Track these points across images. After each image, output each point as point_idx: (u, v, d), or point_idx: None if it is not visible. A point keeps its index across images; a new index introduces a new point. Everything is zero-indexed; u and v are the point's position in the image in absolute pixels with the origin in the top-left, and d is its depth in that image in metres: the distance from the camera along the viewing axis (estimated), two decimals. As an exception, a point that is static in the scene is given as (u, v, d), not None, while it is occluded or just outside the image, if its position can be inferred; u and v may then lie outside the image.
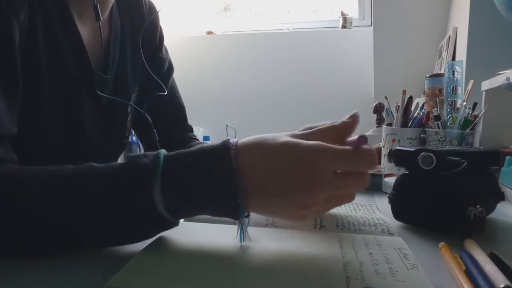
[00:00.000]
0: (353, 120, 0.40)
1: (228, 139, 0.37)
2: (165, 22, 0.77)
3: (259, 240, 0.41)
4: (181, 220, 0.47)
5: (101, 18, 0.56)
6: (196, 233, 0.43)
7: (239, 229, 0.38)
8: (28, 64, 0.49)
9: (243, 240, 0.39)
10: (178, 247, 0.38)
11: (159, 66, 0.75)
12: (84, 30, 0.58)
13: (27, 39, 0.48)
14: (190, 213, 0.38)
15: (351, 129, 0.40)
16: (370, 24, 2.35)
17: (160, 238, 0.40)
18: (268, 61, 2.60)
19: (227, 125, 0.38)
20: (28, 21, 0.48)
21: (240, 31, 2.71)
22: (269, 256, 0.37)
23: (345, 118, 0.40)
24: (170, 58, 0.79)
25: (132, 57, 0.68)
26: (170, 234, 0.41)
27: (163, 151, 0.37)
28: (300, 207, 0.36)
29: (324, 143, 0.36)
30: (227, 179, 0.35)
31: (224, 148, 0.36)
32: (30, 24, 0.49)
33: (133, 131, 0.82)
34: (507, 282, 0.29)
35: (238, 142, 0.37)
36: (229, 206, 0.36)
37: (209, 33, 2.74)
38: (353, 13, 2.51)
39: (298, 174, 0.35)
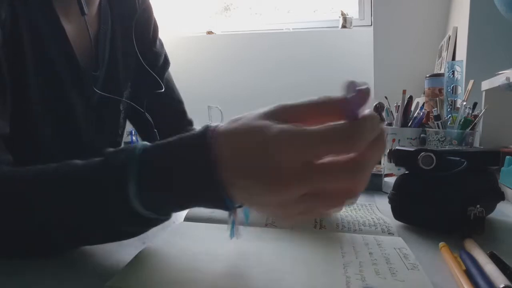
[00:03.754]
0: (360, 95, 0.30)
1: (208, 126, 0.32)
2: (165, 22, 0.77)
3: (259, 240, 0.41)
4: (181, 220, 0.47)
5: (86, 13, 0.54)
6: (196, 233, 0.43)
7: (230, 223, 0.35)
8: (13, 64, 0.47)
9: (234, 236, 0.35)
10: (178, 247, 0.38)
11: (154, 60, 0.72)
12: (70, 26, 0.56)
13: (11, 39, 0.47)
14: (174, 209, 0.35)
15: (355, 108, 0.30)
16: (370, 24, 2.35)
17: (160, 238, 0.40)
18: (268, 61, 2.60)
19: (209, 106, 0.32)
20: (10, 20, 0.46)
21: (240, 31, 2.71)
22: (269, 256, 0.37)
23: (347, 91, 0.30)
24: (165, 52, 0.76)
25: (124, 52, 0.65)
26: (170, 234, 0.41)
27: (140, 146, 0.34)
28: (275, 207, 0.31)
29: (293, 127, 0.29)
30: (208, 173, 0.30)
31: (203, 137, 0.31)
32: (13, 23, 0.47)
33: (133, 131, 0.82)
34: (507, 282, 0.29)
35: (217, 128, 0.31)
36: (214, 200, 0.33)
37: (209, 33, 2.74)
38: (353, 13, 2.51)
39: (262, 167, 0.29)
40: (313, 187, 0.29)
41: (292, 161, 0.28)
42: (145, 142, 0.34)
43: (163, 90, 0.69)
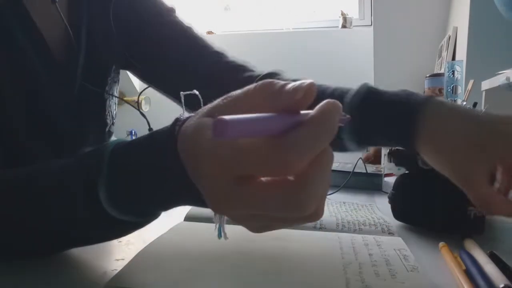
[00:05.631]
0: (304, 93, 0.23)
1: (176, 121, 0.29)
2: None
3: (258, 240, 0.41)
4: (181, 220, 0.47)
5: (56, 0, 0.52)
6: (196, 233, 0.43)
7: (216, 224, 0.34)
8: None
9: (221, 236, 0.34)
10: (178, 247, 0.38)
11: (144, 9, 0.65)
12: (40, 14, 0.52)
13: None
14: (151, 211, 0.34)
15: (293, 107, 0.23)
16: (370, 24, 2.35)
17: (160, 238, 0.40)
18: (268, 61, 2.58)
19: (181, 93, 0.31)
20: None
21: (240, 31, 2.71)
22: (269, 257, 0.37)
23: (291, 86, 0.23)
24: (163, 3, 0.68)
25: (105, 34, 0.60)
26: (170, 234, 0.41)
27: (111, 147, 0.32)
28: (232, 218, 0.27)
29: None
30: (175, 175, 0.28)
31: (169, 136, 0.29)
32: None
33: (133, 131, 0.79)
34: (507, 282, 0.29)
35: (182, 125, 0.28)
36: (191, 200, 0.31)
37: (209, 33, 2.74)
38: (353, 13, 2.52)
39: (197, 177, 0.26)
40: (249, 210, 0.24)
41: (220, 175, 0.23)
42: (118, 141, 0.32)
43: (148, 87, 0.64)
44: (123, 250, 0.38)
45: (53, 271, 0.33)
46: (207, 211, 0.48)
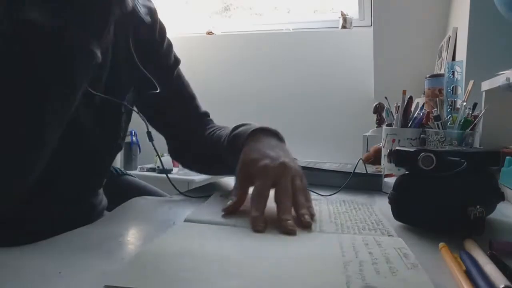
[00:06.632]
0: None
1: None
2: (165, 22, 0.76)
3: (258, 239, 0.41)
4: (182, 220, 0.47)
5: None
6: (196, 234, 0.43)
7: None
8: None
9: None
10: (178, 247, 0.38)
11: (161, 61, 0.74)
12: None
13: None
14: None
15: None
16: (370, 24, 2.35)
17: (160, 238, 0.40)
18: (268, 61, 2.60)
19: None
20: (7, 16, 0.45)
21: (240, 31, 2.72)
22: (269, 255, 0.37)
23: None
24: (174, 52, 0.79)
25: (126, 58, 0.65)
26: (170, 234, 0.41)
27: None
28: None
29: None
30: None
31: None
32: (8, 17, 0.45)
33: (133, 131, 0.81)
34: (507, 282, 0.29)
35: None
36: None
37: (209, 33, 2.74)
38: (353, 13, 2.52)
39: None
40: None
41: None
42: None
43: (158, 91, 0.69)
44: (123, 250, 0.38)
45: (53, 271, 0.33)
46: (207, 214, 0.49)
